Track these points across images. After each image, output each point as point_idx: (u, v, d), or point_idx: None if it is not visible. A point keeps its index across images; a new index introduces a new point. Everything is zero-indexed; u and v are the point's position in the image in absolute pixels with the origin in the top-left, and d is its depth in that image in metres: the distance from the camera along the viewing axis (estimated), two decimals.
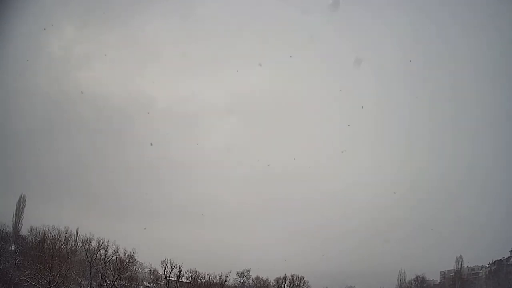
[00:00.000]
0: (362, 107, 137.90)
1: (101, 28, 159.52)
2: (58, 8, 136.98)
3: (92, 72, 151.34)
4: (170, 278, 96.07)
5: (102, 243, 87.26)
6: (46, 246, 77.46)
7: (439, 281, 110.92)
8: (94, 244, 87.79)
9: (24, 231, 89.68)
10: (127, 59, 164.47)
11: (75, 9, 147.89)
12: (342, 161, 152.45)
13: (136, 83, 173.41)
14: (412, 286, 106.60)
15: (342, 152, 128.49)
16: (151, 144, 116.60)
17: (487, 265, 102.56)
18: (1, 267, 71.40)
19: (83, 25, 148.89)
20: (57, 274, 68.49)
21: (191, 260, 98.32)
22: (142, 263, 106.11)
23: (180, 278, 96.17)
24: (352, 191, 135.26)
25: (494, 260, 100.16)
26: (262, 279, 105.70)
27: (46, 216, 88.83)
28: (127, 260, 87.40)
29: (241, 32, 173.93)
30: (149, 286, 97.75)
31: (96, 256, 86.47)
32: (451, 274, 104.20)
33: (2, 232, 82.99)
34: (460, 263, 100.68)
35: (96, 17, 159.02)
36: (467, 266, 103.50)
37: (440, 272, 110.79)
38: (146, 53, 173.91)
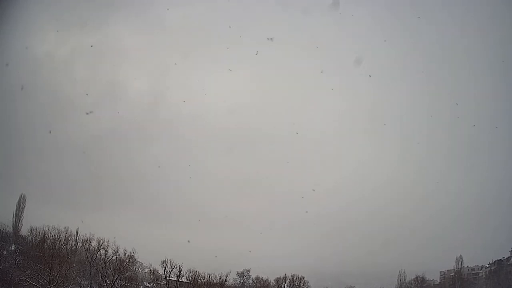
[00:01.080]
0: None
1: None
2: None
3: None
4: (170, 278, 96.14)
5: (102, 243, 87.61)
6: (46, 246, 77.47)
7: (439, 281, 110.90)
8: (94, 244, 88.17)
9: (24, 231, 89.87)
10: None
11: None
12: (341, 162, 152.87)
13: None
14: (412, 286, 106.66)
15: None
16: None
17: (487, 265, 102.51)
18: (1, 267, 71.30)
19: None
20: (57, 274, 68.56)
21: (191, 260, 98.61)
22: (142, 263, 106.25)
23: (180, 278, 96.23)
24: (352, 192, 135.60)
25: (494, 260, 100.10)
26: (262, 279, 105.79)
27: (46, 216, 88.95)
28: (127, 260, 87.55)
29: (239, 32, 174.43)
30: (149, 286, 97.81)
31: (96, 256, 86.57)
32: (451, 274, 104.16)
33: (2, 232, 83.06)
34: (460, 263, 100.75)
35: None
36: (467, 266, 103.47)
37: (440, 272, 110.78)
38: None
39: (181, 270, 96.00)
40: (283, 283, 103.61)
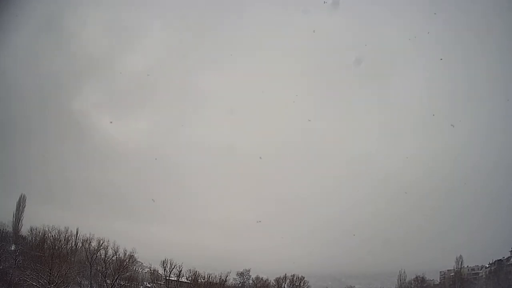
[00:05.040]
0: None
1: None
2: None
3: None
4: (170, 278, 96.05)
5: (102, 243, 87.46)
6: (46, 246, 77.29)
7: (439, 281, 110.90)
8: (94, 244, 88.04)
9: (24, 231, 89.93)
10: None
11: None
12: (340, 162, 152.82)
13: None
14: (412, 286, 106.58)
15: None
16: None
17: (487, 265, 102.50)
18: (1, 267, 71.25)
19: None
20: (57, 274, 68.42)
21: (191, 260, 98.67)
22: (142, 263, 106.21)
23: (180, 278, 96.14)
24: (352, 192, 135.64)
25: (494, 260, 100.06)
26: (262, 279, 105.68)
27: (46, 216, 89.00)
28: (127, 260, 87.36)
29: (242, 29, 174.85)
30: (149, 286, 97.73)
31: (96, 256, 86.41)
32: (451, 274, 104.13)
33: (2, 232, 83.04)
34: (460, 263, 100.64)
35: None
36: (467, 266, 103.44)
37: (440, 272, 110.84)
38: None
39: (181, 270, 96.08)
40: (283, 283, 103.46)
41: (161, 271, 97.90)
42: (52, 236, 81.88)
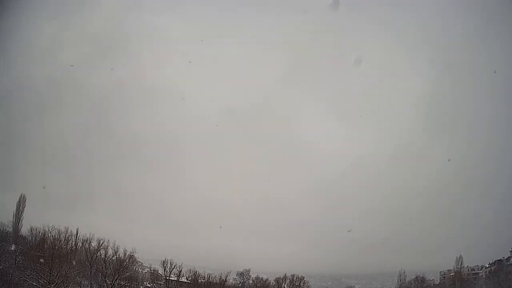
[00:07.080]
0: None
1: None
2: None
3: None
4: (170, 278, 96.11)
5: (102, 243, 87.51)
6: (46, 246, 77.30)
7: (439, 281, 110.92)
8: (94, 244, 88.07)
9: (24, 231, 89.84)
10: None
11: None
12: (337, 158, 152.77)
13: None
14: (412, 286, 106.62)
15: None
16: None
17: (487, 265, 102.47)
18: (1, 267, 71.25)
19: None
20: (57, 274, 68.52)
21: (191, 260, 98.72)
22: (142, 263, 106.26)
23: (180, 278, 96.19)
24: (351, 192, 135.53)
25: (494, 260, 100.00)
26: (262, 279, 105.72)
27: (46, 216, 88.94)
28: (127, 260, 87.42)
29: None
30: (149, 286, 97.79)
31: (96, 256, 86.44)
32: (451, 274, 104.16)
33: (2, 232, 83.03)
34: (460, 263, 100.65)
35: None
36: (467, 266, 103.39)
37: (440, 272, 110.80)
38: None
39: (181, 270, 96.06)
40: (283, 283, 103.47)
41: (161, 271, 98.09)
42: (52, 236, 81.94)
